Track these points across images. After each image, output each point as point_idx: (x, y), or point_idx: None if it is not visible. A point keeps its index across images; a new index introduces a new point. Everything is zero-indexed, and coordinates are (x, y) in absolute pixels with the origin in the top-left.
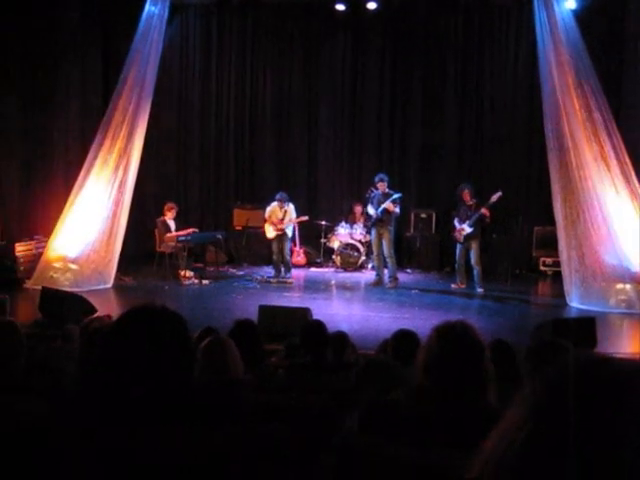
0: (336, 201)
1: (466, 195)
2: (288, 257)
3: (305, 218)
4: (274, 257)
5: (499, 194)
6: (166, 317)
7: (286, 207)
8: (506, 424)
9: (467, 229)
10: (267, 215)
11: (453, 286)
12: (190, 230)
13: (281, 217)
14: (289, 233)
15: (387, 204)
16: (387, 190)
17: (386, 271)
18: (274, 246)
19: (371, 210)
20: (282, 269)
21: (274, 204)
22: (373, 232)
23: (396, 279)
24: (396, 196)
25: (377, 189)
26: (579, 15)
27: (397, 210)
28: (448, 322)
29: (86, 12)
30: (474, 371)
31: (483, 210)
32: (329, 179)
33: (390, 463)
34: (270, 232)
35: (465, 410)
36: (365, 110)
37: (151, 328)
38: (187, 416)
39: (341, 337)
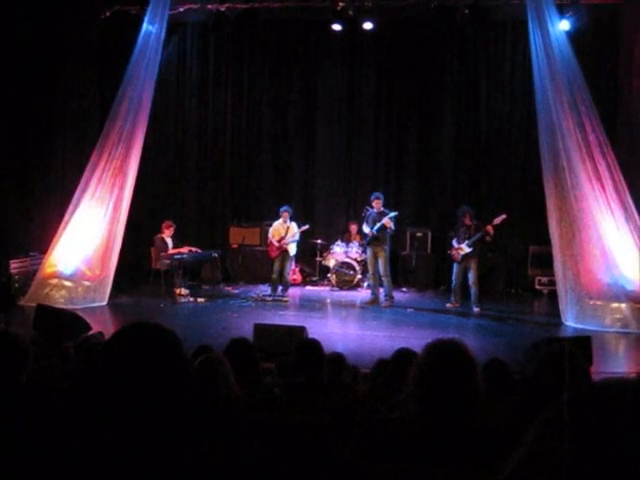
0: (332, 220)
1: (467, 218)
2: (288, 277)
3: (306, 227)
4: (273, 276)
5: (503, 217)
6: (159, 334)
7: (289, 224)
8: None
9: (466, 249)
10: (270, 235)
11: (448, 305)
12: (189, 249)
13: (283, 234)
14: (292, 252)
15: (385, 220)
16: (382, 208)
17: (382, 290)
18: (276, 265)
19: (366, 229)
20: (279, 288)
21: (277, 222)
22: (369, 251)
23: (392, 298)
24: (392, 214)
25: (372, 207)
26: (573, 36)
27: (392, 226)
28: (440, 340)
29: (83, 32)
30: (466, 388)
31: (487, 228)
32: (325, 198)
33: None
34: (273, 250)
35: (457, 427)
36: (362, 128)
37: (144, 345)
38: (180, 432)
39: (338, 358)
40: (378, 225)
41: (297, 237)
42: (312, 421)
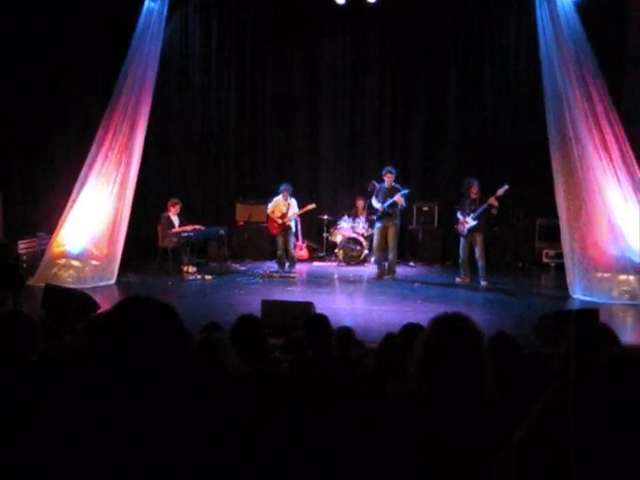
0: (338, 195)
1: (473, 189)
2: (292, 251)
3: (312, 206)
4: (278, 252)
5: (506, 187)
6: (155, 307)
7: (290, 200)
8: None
9: (471, 222)
10: (270, 210)
11: (458, 280)
12: (194, 227)
13: (285, 211)
14: (293, 227)
15: (397, 197)
16: (393, 184)
17: (385, 263)
18: (279, 241)
19: (377, 204)
20: (286, 264)
21: (278, 198)
22: (378, 225)
23: (394, 272)
24: (404, 191)
25: (382, 182)
26: (580, 6)
27: (404, 203)
28: (445, 314)
29: (85, 9)
30: (472, 362)
31: (491, 200)
32: (331, 173)
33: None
34: (275, 227)
35: (464, 402)
36: (366, 104)
37: (140, 318)
38: (183, 407)
39: (347, 332)
40: (390, 201)
41: (297, 214)
42: (320, 396)
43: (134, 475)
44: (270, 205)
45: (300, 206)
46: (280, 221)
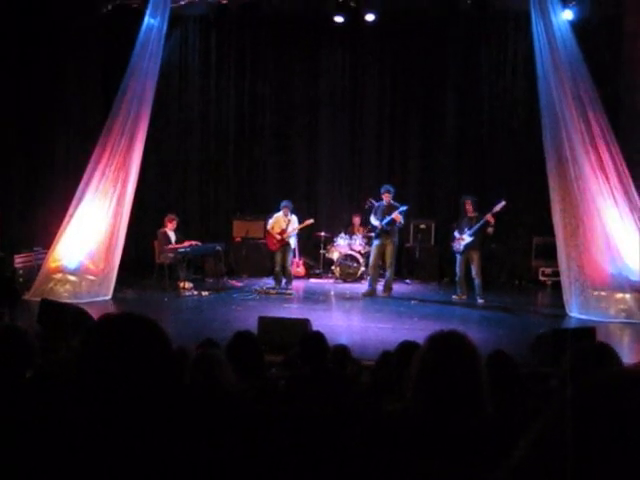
0: (336, 212)
1: (469, 206)
2: (290, 268)
3: (310, 221)
4: (276, 268)
5: (503, 203)
6: (137, 322)
7: (290, 217)
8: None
9: (467, 238)
10: (270, 226)
11: (454, 298)
12: (191, 242)
13: (284, 227)
14: (292, 244)
15: (395, 214)
16: (391, 202)
17: (382, 280)
18: (277, 257)
19: (375, 221)
20: (283, 280)
21: (278, 214)
22: (376, 242)
23: (390, 289)
24: (403, 208)
25: (380, 200)
26: (576, 26)
27: (402, 220)
28: (441, 331)
29: (85, 26)
30: (469, 380)
31: (488, 217)
32: (329, 190)
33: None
34: (274, 243)
35: (460, 420)
36: (365, 121)
37: (121, 334)
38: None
39: (343, 350)
40: (388, 219)
41: (297, 230)
42: (316, 413)
43: None
44: (270, 221)
45: (299, 222)
46: (279, 237)
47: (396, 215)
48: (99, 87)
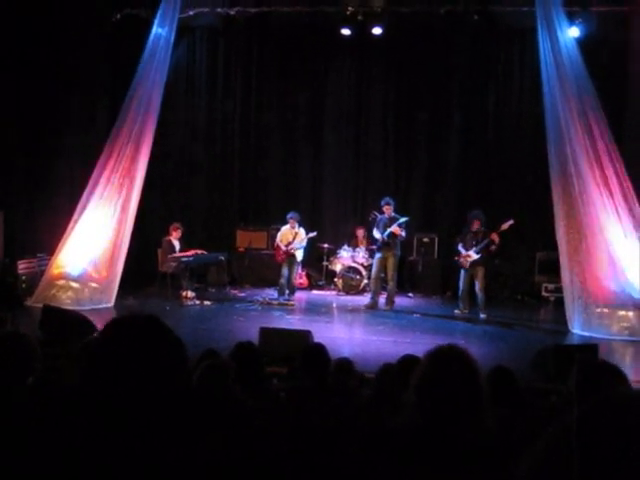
0: (339, 224)
1: (476, 223)
2: (294, 281)
3: (314, 234)
4: (281, 280)
5: (511, 222)
6: (151, 324)
7: (297, 229)
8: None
9: (474, 255)
10: (279, 239)
11: (456, 312)
12: (195, 251)
13: (291, 239)
14: (299, 257)
15: (394, 227)
16: (393, 214)
17: (384, 293)
18: (283, 269)
19: (377, 234)
20: (286, 292)
21: (285, 227)
22: (378, 255)
23: (392, 302)
24: (403, 220)
25: (382, 213)
26: (582, 43)
27: (403, 234)
28: (442, 346)
29: (93, 35)
30: (469, 394)
31: (493, 235)
32: (332, 202)
33: None
34: (280, 254)
35: (460, 434)
36: (370, 134)
37: (135, 336)
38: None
39: (345, 363)
40: (388, 231)
41: (304, 243)
42: (316, 425)
43: None
44: (279, 234)
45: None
46: (284, 248)
47: (395, 228)
48: (106, 95)
